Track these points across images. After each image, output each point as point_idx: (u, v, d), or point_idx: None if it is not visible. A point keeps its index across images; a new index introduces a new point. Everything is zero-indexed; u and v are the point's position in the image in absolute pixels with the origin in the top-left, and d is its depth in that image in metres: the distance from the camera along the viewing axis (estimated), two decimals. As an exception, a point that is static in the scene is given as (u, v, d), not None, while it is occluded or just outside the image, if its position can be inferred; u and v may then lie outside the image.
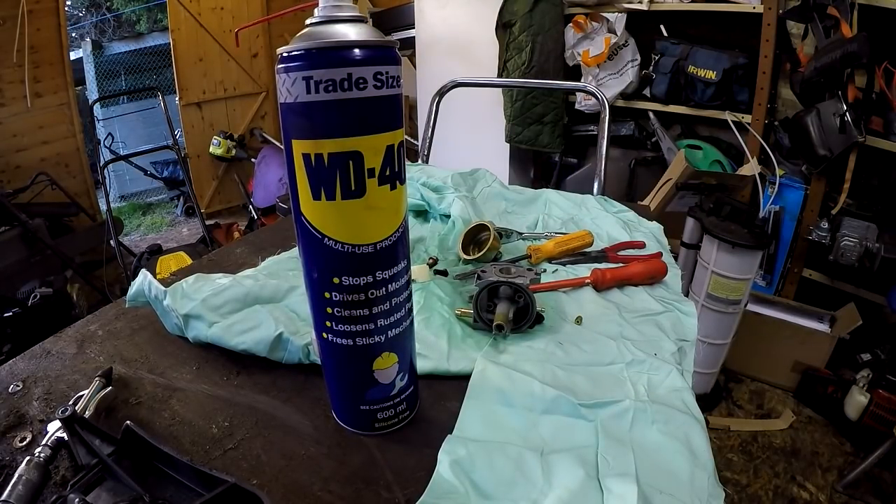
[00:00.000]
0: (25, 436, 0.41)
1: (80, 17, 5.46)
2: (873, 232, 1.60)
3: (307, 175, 0.34)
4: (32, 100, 2.72)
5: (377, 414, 0.42)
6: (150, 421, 0.44)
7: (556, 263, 0.72)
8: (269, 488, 0.38)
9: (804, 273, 1.89)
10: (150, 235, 3.88)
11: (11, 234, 2.20)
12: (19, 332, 1.84)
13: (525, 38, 2.12)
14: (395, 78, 0.34)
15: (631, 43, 2.12)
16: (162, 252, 2.45)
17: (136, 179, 4.28)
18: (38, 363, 0.52)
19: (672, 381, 0.48)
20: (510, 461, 0.39)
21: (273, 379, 0.49)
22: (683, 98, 2.02)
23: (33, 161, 2.75)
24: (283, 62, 0.33)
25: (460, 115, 2.04)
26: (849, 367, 1.72)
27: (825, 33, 1.55)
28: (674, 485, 0.37)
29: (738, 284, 1.48)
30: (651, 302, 0.63)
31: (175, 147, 2.78)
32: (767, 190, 1.80)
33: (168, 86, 3.82)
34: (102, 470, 0.37)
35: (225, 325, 0.52)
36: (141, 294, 0.56)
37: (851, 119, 1.54)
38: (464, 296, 0.63)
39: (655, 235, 0.82)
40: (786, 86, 1.83)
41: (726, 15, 1.88)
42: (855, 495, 1.41)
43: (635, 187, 2.19)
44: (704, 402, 1.72)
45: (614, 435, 0.41)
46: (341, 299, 0.37)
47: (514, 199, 0.96)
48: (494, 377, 0.48)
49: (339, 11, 0.34)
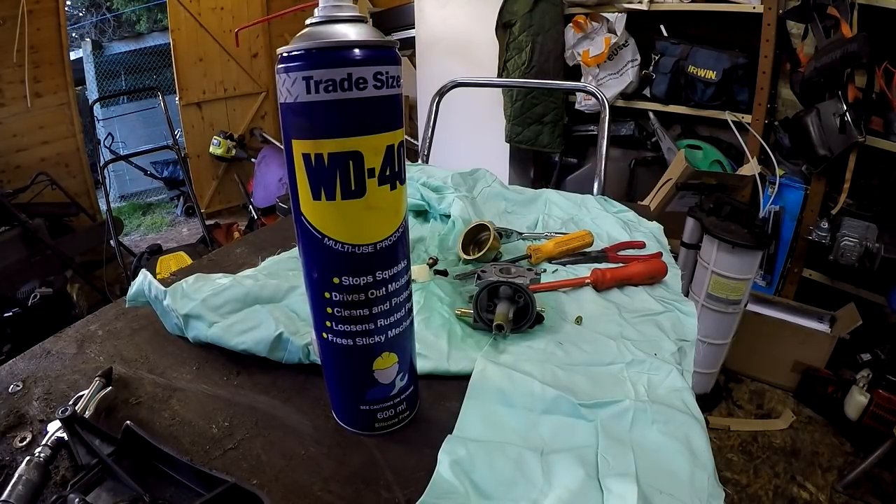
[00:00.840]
0: (25, 436, 0.41)
1: (80, 17, 5.46)
2: (873, 232, 1.60)
3: (307, 175, 0.34)
4: (32, 100, 2.72)
5: (377, 414, 0.42)
6: (150, 421, 0.44)
7: (556, 263, 0.72)
8: (269, 488, 0.38)
9: (804, 273, 1.89)
10: (150, 235, 3.88)
11: (11, 234, 2.20)
12: (19, 332, 1.84)
13: (525, 38, 2.12)
14: (395, 78, 0.34)
15: (631, 43, 2.12)
16: (162, 252, 2.44)
17: (136, 179, 4.28)
18: (38, 363, 0.52)
19: (672, 381, 0.48)
20: (510, 461, 0.39)
21: (273, 379, 0.49)
22: (683, 98, 2.02)
23: (33, 161, 2.75)
24: (283, 62, 0.33)
25: (460, 115, 2.04)
26: (849, 367, 1.72)
27: (825, 33, 1.55)
28: (674, 485, 0.37)
29: (738, 284, 1.48)
30: (651, 302, 0.63)
31: (175, 147, 2.78)
32: (767, 190, 1.80)
33: (168, 86, 3.83)
34: (102, 470, 0.37)
35: (225, 325, 0.52)
36: (141, 294, 0.56)
37: (851, 119, 1.54)
38: (464, 296, 0.63)
39: (655, 235, 0.82)
40: (786, 86, 1.83)
41: (726, 15, 1.88)
42: (855, 495, 1.41)
43: (635, 187, 2.19)
44: (704, 402, 1.72)
45: (614, 435, 0.41)
46: (341, 299, 0.37)
47: (514, 199, 0.96)
48: (494, 377, 0.48)
49: (339, 11, 0.34)
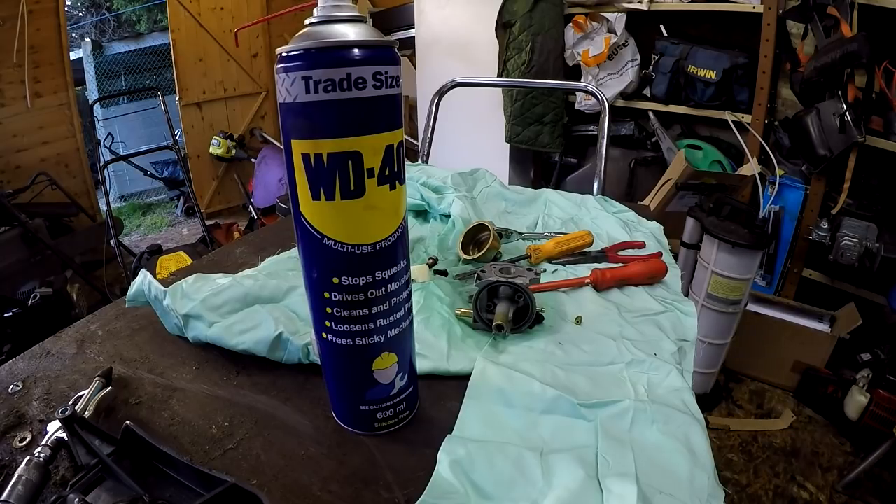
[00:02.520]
0: (25, 436, 0.41)
1: (80, 17, 5.46)
2: (873, 232, 1.60)
3: (306, 175, 0.34)
4: (32, 100, 2.72)
5: (377, 414, 0.42)
6: (150, 421, 0.44)
7: (555, 263, 0.72)
8: (269, 488, 0.38)
9: (804, 273, 1.89)
10: (150, 235, 3.88)
11: (11, 234, 2.20)
12: (19, 332, 1.83)
13: (525, 38, 2.12)
14: (394, 78, 0.34)
15: (631, 43, 2.12)
16: (162, 252, 2.44)
17: (136, 179, 4.28)
18: (37, 363, 0.52)
19: (672, 381, 0.48)
20: (510, 461, 0.39)
21: (273, 379, 0.49)
22: (683, 98, 2.02)
23: (33, 161, 2.75)
24: (283, 62, 0.33)
25: (460, 115, 2.04)
26: (849, 367, 1.72)
27: (825, 33, 1.55)
28: (674, 485, 0.37)
29: (738, 284, 1.48)
30: (651, 302, 0.63)
31: (175, 147, 2.78)
32: (767, 190, 1.80)
33: (168, 86, 3.82)
34: (102, 470, 0.37)
35: (225, 325, 0.52)
36: (141, 294, 0.56)
37: (851, 119, 1.54)
38: (464, 296, 0.63)
39: (655, 235, 0.82)
40: (786, 86, 1.83)
41: (726, 15, 1.88)
42: (855, 495, 1.41)
43: (635, 187, 2.19)
44: (704, 402, 1.72)
45: (614, 435, 0.41)
46: (341, 299, 0.37)
47: (514, 199, 0.96)
48: (494, 377, 0.48)
49: (339, 11, 0.34)
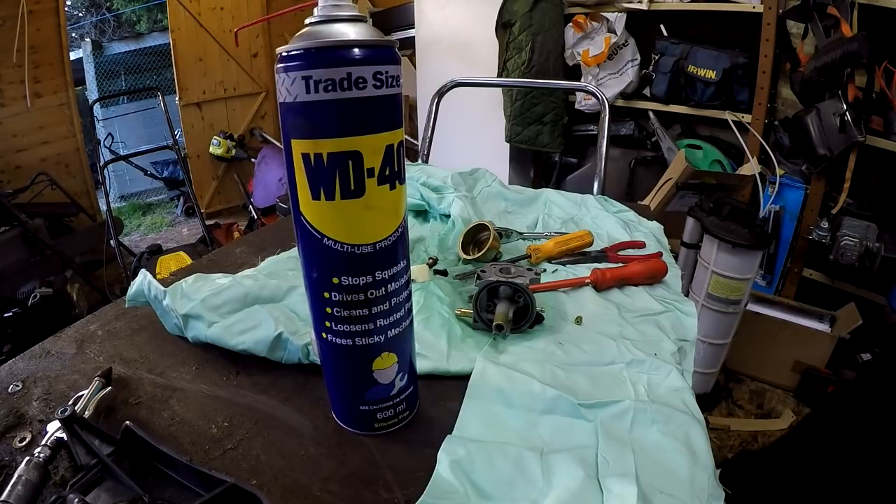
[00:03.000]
0: (25, 436, 0.41)
1: (80, 17, 5.46)
2: (873, 232, 1.60)
3: (306, 175, 0.34)
4: (32, 100, 2.72)
5: (377, 414, 0.42)
6: (150, 421, 0.44)
7: (556, 263, 0.72)
8: (269, 488, 0.37)
9: (804, 273, 1.89)
10: (150, 235, 3.88)
11: (11, 234, 2.20)
12: (19, 332, 1.83)
13: (525, 38, 2.12)
14: (394, 77, 0.34)
15: (631, 43, 2.12)
16: (162, 252, 2.44)
17: (136, 179, 4.28)
18: (37, 363, 0.52)
19: (672, 381, 0.48)
20: (510, 461, 0.39)
21: (273, 379, 0.49)
22: (683, 98, 2.02)
23: (33, 161, 2.75)
24: (283, 62, 0.33)
25: (460, 115, 2.04)
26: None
27: (825, 33, 1.55)
28: (674, 485, 0.37)
29: (738, 284, 1.48)
30: (651, 302, 0.63)
31: (175, 147, 2.78)
32: (767, 190, 1.80)
33: (168, 86, 3.82)
34: (102, 470, 0.37)
35: (224, 325, 0.52)
36: (141, 294, 0.56)
37: (851, 119, 1.54)
38: (464, 296, 0.63)
39: (655, 235, 0.82)
40: (786, 85, 1.83)
41: (726, 15, 1.88)
42: (855, 495, 1.41)
43: (635, 187, 2.19)
44: (704, 402, 1.72)
45: (614, 435, 0.41)
46: (341, 299, 0.37)
47: (514, 198, 0.96)
48: (494, 377, 0.48)
49: (339, 11, 0.34)
